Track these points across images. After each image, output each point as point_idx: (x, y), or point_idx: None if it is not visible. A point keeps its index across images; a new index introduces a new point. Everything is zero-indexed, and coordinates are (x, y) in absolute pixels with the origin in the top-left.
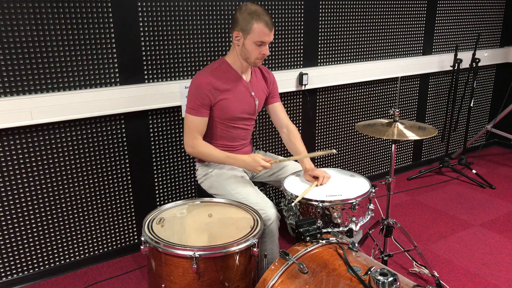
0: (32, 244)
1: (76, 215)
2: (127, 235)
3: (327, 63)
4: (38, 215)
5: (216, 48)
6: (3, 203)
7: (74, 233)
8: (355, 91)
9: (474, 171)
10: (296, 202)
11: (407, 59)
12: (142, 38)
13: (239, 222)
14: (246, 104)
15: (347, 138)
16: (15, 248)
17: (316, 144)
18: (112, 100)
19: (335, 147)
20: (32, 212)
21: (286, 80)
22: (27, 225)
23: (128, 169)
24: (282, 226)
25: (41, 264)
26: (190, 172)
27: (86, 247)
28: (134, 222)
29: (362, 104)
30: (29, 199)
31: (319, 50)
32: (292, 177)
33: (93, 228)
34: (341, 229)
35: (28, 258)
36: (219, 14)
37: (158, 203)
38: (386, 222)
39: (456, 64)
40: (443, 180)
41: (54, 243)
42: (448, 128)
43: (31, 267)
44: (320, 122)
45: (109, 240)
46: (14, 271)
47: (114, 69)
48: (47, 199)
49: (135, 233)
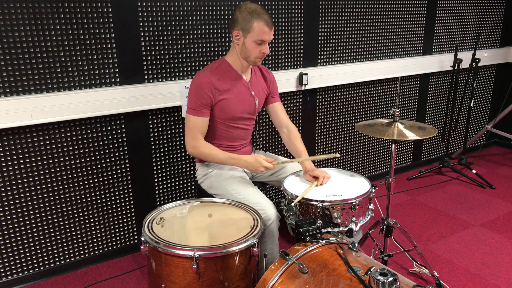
0: (32, 244)
1: (76, 215)
2: (127, 235)
3: (327, 63)
4: (38, 215)
5: (216, 48)
6: (3, 203)
7: (74, 233)
8: (355, 91)
9: (474, 171)
10: (296, 202)
11: (407, 59)
12: (142, 38)
13: (239, 222)
14: (246, 103)
15: (347, 138)
16: (15, 248)
17: (316, 144)
18: (112, 100)
19: (335, 147)
20: (32, 212)
21: (286, 80)
22: (27, 225)
23: (128, 169)
24: (282, 226)
25: (41, 264)
26: (190, 172)
27: (86, 247)
28: (134, 222)
29: (362, 104)
30: (29, 199)
31: (319, 50)
32: (292, 177)
33: (93, 228)
34: (341, 229)
35: (28, 258)
36: (219, 14)
37: (158, 203)
38: (386, 222)
39: (456, 64)
40: (443, 180)
41: (54, 243)
42: (448, 128)
43: (31, 267)
44: (320, 122)
45: (109, 240)
46: (14, 271)
47: (114, 69)
48: (47, 199)
49: (135, 233)
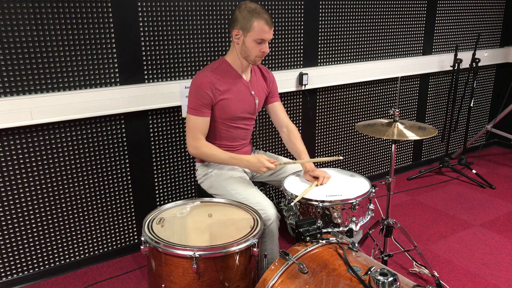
0: (32, 244)
1: (76, 215)
2: (127, 235)
3: (327, 63)
4: (38, 215)
5: (216, 48)
6: (3, 203)
7: (74, 233)
8: (355, 91)
9: (474, 171)
10: (296, 202)
11: (407, 59)
12: (142, 38)
13: (239, 222)
14: (246, 103)
15: (347, 138)
16: (15, 248)
17: (316, 144)
18: (112, 100)
19: (335, 147)
20: (32, 212)
21: (286, 80)
22: (27, 225)
23: (128, 169)
24: (282, 226)
25: (41, 264)
26: (190, 172)
27: (86, 247)
28: (134, 222)
29: (362, 104)
30: (29, 199)
31: (319, 50)
32: (292, 177)
33: (93, 228)
34: (341, 229)
35: (28, 258)
36: (219, 14)
37: (158, 203)
38: (386, 222)
39: (456, 64)
40: (443, 180)
41: (54, 243)
42: (448, 128)
43: (31, 267)
44: (320, 122)
45: (109, 240)
46: (14, 271)
47: (114, 69)
48: (47, 199)
49: (135, 233)
